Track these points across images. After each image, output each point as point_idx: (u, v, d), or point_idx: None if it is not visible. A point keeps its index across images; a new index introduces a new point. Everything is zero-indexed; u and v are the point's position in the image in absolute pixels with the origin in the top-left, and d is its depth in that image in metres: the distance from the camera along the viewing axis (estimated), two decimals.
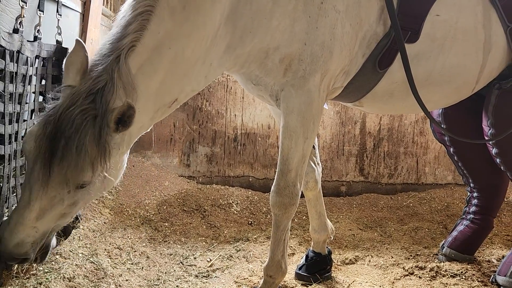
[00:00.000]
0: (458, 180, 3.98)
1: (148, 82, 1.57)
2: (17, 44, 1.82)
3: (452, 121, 2.58)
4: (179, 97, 1.72)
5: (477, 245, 2.72)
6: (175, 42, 1.58)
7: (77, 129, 1.41)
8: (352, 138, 3.92)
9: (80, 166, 1.42)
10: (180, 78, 1.65)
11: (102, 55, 1.52)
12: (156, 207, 3.32)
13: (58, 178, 1.44)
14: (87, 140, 1.42)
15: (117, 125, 1.47)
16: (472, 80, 2.17)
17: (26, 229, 1.47)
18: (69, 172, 1.42)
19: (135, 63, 1.52)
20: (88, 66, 1.53)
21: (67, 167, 1.41)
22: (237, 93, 3.82)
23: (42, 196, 1.46)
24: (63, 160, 1.41)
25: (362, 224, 3.38)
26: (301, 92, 1.80)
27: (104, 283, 2.25)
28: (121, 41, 1.50)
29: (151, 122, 1.71)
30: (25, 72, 1.94)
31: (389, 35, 1.88)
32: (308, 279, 2.40)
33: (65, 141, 1.40)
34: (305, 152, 1.87)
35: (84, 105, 1.43)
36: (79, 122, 1.42)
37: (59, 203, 1.49)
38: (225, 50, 1.72)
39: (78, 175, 1.44)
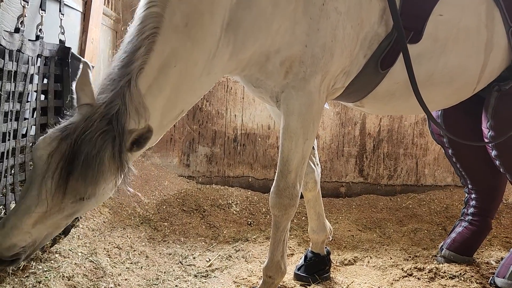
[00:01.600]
0: (457, 181, 3.98)
1: (156, 100, 1.61)
2: (17, 43, 1.82)
3: (452, 122, 2.58)
4: (185, 107, 1.76)
5: (475, 246, 2.72)
6: (179, 59, 1.62)
7: (99, 149, 1.47)
8: (352, 139, 3.93)
9: (98, 182, 1.48)
10: (186, 92, 1.69)
11: (113, 80, 1.56)
12: (155, 206, 3.32)
13: (71, 192, 1.48)
14: (107, 159, 1.48)
15: (132, 145, 1.53)
16: (473, 80, 2.17)
17: (20, 234, 1.48)
18: (85, 187, 1.47)
19: (144, 85, 1.56)
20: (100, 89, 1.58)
21: (86, 183, 1.46)
22: (237, 93, 3.82)
23: (43, 205, 1.47)
24: (81, 177, 1.46)
25: (361, 225, 3.38)
26: (301, 94, 1.80)
27: (103, 282, 2.25)
28: (130, 66, 1.54)
29: (158, 137, 1.74)
30: (26, 71, 1.94)
31: (391, 35, 1.88)
32: (307, 280, 2.40)
33: (85, 160, 1.45)
34: (305, 153, 1.87)
35: (103, 127, 1.49)
36: (101, 143, 1.47)
37: (59, 212, 1.51)
38: (228, 58, 1.74)
39: (95, 188, 1.49)
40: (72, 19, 2.63)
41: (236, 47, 1.72)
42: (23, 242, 1.50)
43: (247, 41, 1.72)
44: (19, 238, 1.49)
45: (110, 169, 1.50)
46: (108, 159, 1.48)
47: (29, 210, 1.47)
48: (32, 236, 1.52)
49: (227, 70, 1.82)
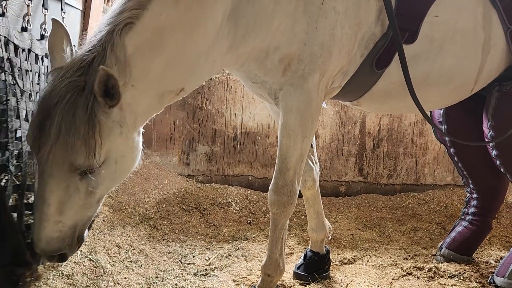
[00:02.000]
0: (457, 181, 3.98)
1: (148, 64, 1.53)
2: (27, 42, 1.82)
3: (453, 122, 2.58)
4: (185, 87, 1.70)
5: (475, 246, 2.72)
6: (177, 30, 1.56)
7: (65, 103, 1.34)
8: (352, 138, 3.93)
9: (71, 145, 1.35)
10: (185, 70, 1.64)
11: (98, 31, 1.48)
12: (155, 205, 3.32)
13: (59, 164, 1.39)
14: (77, 115, 1.35)
15: (105, 98, 1.39)
16: (470, 81, 2.17)
17: (50, 225, 1.44)
18: (65, 154, 1.36)
19: (133, 42, 1.48)
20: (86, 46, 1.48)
21: (62, 148, 1.36)
22: (237, 92, 3.82)
23: (55, 188, 1.42)
24: (56, 141, 1.35)
25: (361, 224, 3.38)
26: (300, 91, 1.80)
27: (103, 281, 2.25)
28: (118, 16, 1.46)
29: (159, 105, 1.66)
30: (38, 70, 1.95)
31: (386, 35, 1.88)
32: (306, 279, 2.40)
33: (55, 119, 1.34)
34: (304, 151, 1.87)
35: (73, 77, 1.37)
36: (63, 95, 1.34)
37: (75, 192, 1.45)
38: (228, 49, 1.73)
39: (74, 155, 1.37)
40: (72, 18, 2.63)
41: (236, 40, 1.72)
42: (58, 233, 1.46)
43: (248, 36, 1.72)
44: (52, 229, 1.45)
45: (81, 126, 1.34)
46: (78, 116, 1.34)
47: (45, 200, 1.43)
48: (65, 224, 1.47)
49: (226, 63, 1.81)
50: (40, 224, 1.44)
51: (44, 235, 1.45)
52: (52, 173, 1.41)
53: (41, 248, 1.48)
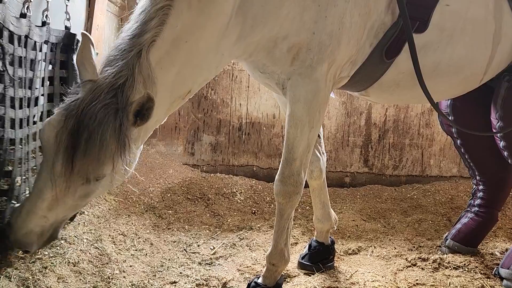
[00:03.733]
0: (463, 172, 3.96)
1: (166, 75, 1.58)
2: (25, 29, 1.81)
3: (460, 113, 2.56)
4: (192, 88, 1.74)
5: (480, 238, 2.71)
6: (191, 35, 1.60)
7: (100, 123, 1.43)
8: (357, 129, 3.91)
9: (101, 160, 1.45)
10: (194, 69, 1.67)
11: (122, 50, 1.53)
12: (160, 194, 3.33)
13: (78, 171, 1.46)
14: (109, 134, 1.43)
15: (136, 118, 1.49)
16: (480, 71, 2.14)
17: (36, 219, 1.48)
18: (90, 166, 1.45)
19: (154, 57, 1.54)
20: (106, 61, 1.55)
21: (89, 161, 1.43)
22: (242, 82, 3.80)
23: (57, 187, 1.46)
24: (85, 154, 1.43)
25: (366, 215, 3.38)
26: (308, 81, 1.78)
27: (108, 269, 2.27)
28: (142, 36, 1.52)
29: (165, 116, 1.73)
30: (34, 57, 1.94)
31: (397, 24, 1.86)
32: (311, 268, 2.41)
33: (88, 135, 1.42)
34: (310, 141, 1.86)
35: (106, 99, 1.45)
36: (101, 116, 1.43)
37: (72, 194, 1.50)
38: (236, 40, 1.72)
39: (99, 168, 1.46)
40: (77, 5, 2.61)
41: (245, 30, 1.71)
42: (40, 227, 1.51)
43: (256, 26, 1.71)
44: (35, 223, 1.49)
45: (113, 145, 1.45)
46: (110, 134, 1.43)
47: (42, 194, 1.47)
48: (48, 221, 1.52)
49: (234, 54, 1.80)
50: (27, 216, 1.48)
51: (26, 227, 1.49)
52: (62, 173, 1.45)
53: (18, 238, 1.50)
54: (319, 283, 2.26)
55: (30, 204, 1.49)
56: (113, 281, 2.18)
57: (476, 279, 2.35)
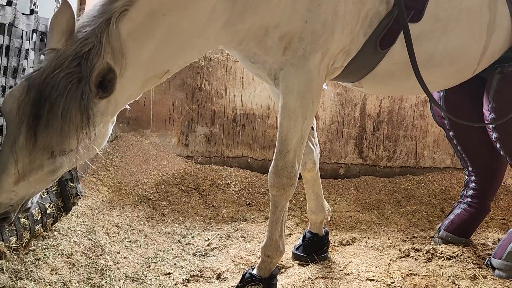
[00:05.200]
0: (456, 164, 3.97)
1: (140, 49, 1.51)
2: (9, 17, 1.78)
3: (453, 104, 2.56)
4: (171, 68, 1.68)
5: (473, 228, 2.73)
6: (170, 11, 1.53)
7: (62, 93, 1.36)
8: (352, 120, 3.90)
9: (65, 133, 1.38)
10: (175, 50, 1.61)
11: (92, 17, 1.46)
12: (154, 186, 3.32)
13: (42, 145, 1.40)
14: (72, 105, 1.37)
15: (98, 89, 1.42)
16: (473, 62, 2.14)
17: (4, 193, 1.44)
18: (54, 139, 1.38)
19: (126, 28, 1.47)
20: (75, 28, 1.47)
21: (52, 134, 1.37)
22: (236, 73, 3.78)
23: (21, 161, 1.41)
24: (48, 126, 1.37)
25: (360, 206, 3.39)
26: (301, 72, 1.76)
27: (102, 260, 2.27)
28: (113, 3, 1.44)
29: (140, 91, 1.66)
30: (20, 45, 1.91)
31: (391, 14, 1.83)
32: (305, 259, 2.42)
33: (50, 106, 1.36)
34: (304, 132, 1.85)
35: (69, 68, 1.38)
36: (63, 86, 1.36)
37: (39, 168, 1.46)
38: (223, 26, 1.68)
39: (63, 142, 1.40)
40: None
41: (233, 16, 1.67)
42: (9, 200, 1.47)
43: (246, 12, 1.67)
44: (4, 197, 1.45)
45: (76, 116, 1.38)
46: (72, 105, 1.37)
47: (6, 169, 1.42)
48: (18, 194, 1.47)
49: (221, 40, 1.76)
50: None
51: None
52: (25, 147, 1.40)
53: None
54: (313, 273, 2.27)
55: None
56: (107, 272, 2.18)
57: (468, 269, 2.37)
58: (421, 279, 2.26)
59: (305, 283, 2.18)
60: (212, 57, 3.72)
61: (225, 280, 2.29)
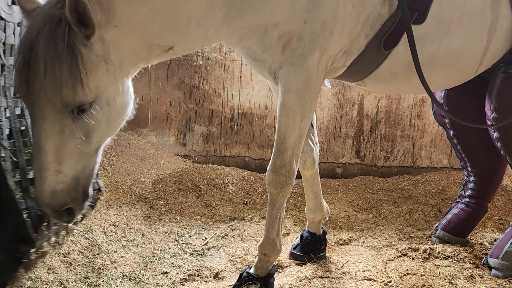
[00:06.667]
0: (453, 164, 3.99)
1: (133, 9, 1.48)
2: (17, 16, 1.77)
3: (455, 104, 2.56)
4: (175, 46, 1.65)
5: (470, 228, 2.74)
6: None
7: (46, 36, 1.30)
8: (350, 120, 3.91)
9: (59, 79, 1.32)
10: (172, 25, 1.59)
11: None
12: (151, 185, 3.32)
13: (51, 101, 1.35)
14: (58, 45, 1.31)
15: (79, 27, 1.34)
16: (475, 62, 2.15)
17: (50, 175, 1.39)
18: (54, 88, 1.33)
19: None
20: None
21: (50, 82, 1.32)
22: (234, 72, 3.77)
23: (49, 132, 1.37)
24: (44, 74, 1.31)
25: (357, 206, 3.39)
26: (299, 70, 1.77)
27: (99, 259, 2.26)
28: None
29: (148, 56, 1.61)
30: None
31: (395, 15, 1.85)
32: (303, 259, 2.42)
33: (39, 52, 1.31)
34: (302, 131, 1.85)
35: (50, 10, 1.33)
36: (42, 27, 1.31)
37: (71, 137, 1.41)
38: (222, 20, 1.68)
39: (63, 90, 1.33)
40: None
41: (232, 11, 1.67)
42: (61, 184, 1.42)
43: (244, 9, 1.67)
44: (54, 180, 1.40)
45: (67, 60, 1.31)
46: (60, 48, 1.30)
47: (41, 147, 1.37)
48: (66, 175, 1.43)
49: (221, 35, 1.76)
50: (41, 176, 1.39)
51: (47, 187, 1.40)
52: (44, 114, 1.37)
53: (47, 203, 1.43)
54: (311, 273, 2.27)
55: (37, 163, 1.39)
56: (104, 271, 2.17)
57: (465, 269, 2.38)
58: (418, 278, 2.27)
59: (303, 282, 2.18)
60: (210, 56, 3.72)
61: (222, 279, 2.28)
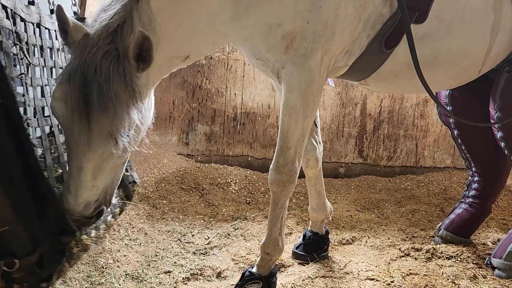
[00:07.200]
0: (456, 164, 3.97)
1: (166, 27, 1.54)
2: (35, 16, 1.78)
3: (459, 103, 2.56)
4: (190, 54, 1.72)
5: (473, 228, 2.73)
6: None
7: (106, 73, 1.36)
8: (352, 119, 3.90)
9: (118, 113, 1.38)
10: (190, 33, 1.64)
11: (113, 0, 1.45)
12: (154, 184, 3.32)
13: (102, 132, 1.40)
14: (118, 84, 1.37)
15: (138, 62, 1.42)
16: (478, 62, 2.15)
17: (87, 191, 1.47)
18: (108, 122, 1.38)
19: (155, 6, 1.49)
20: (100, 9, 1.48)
21: (105, 117, 1.37)
22: (237, 71, 3.77)
23: (92, 156, 1.43)
24: (101, 109, 1.36)
25: (360, 206, 3.39)
26: (302, 70, 1.78)
27: (102, 258, 2.26)
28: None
29: (167, 70, 1.68)
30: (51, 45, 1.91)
31: (396, 15, 1.85)
32: (305, 258, 2.41)
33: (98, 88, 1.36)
34: (305, 130, 1.86)
35: (105, 46, 1.38)
36: (105, 66, 1.36)
37: (109, 157, 1.47)
38: (230, 19, 1.71)
39: (118, 123, 1.40)
40: None
41: (239, 10, 1.69)
42: (95, 196, 1.51)
43: (251, 8, 1.70)
44: (89, 194, 1.48)
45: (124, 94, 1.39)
46: (118, 83, 1.37)
47: (81, 167, 1.43)
48: (99, 188, 1.51)
49: (229, 36, 1.79)
50: (77, 191, 1.46)
51: (81, 201, 1.48)
52: (88, 142, 1.41)
53: (78, 212, 1.50)
54: (313, 272, 2.27)
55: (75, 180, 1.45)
56: (107, 270, 2.18)
57: (468, 269, 2.37)
58: (421, 278, 2.26)
59: (305, 282, 2.17)
60: (212, 55, 3.72)
61: (225, 278, 2.28)
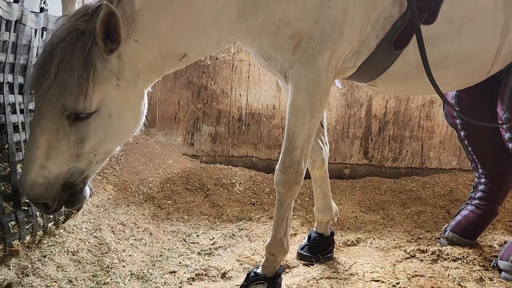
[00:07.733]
0: (462, 165, 3.95)
1: (156, 21, 1.52)
2: (16, 14, 1.79)
3: (466, 104, 2.54)
4: (189, 52, 1.68)
5: (480, 230, 2.71)
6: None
7: (65, 44, 1.36)
8: (358, 120, 3.89)
9: (65, 85, 1.37)
10: (190, 31, 1.62)
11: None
12: (159, 184, 3.33)
13: (53, 103, 1.40)
14: (74, 55, 1.36)
15: (105, 41, 1.40)
16: (487, 63, 2.13)
17: (35, 167, 1.44)
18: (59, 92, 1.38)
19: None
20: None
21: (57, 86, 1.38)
22: (242, 72, 3.78)
23: (45, 129, 1.42)
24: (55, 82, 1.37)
25: (365, 207, 3.38)
26: (309, 70, 1.77)
27: (108, 258, 2.27)
28: None
29: (161, 69, 1.64)
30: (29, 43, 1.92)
31: (405, 15, 1.84)
32: (310, 259, 2.41)
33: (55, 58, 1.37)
34: (311, 131, 1.85)
35: (76, 22, 1.39)
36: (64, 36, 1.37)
37: (64, 138, 1.45)
38: (236, 18, 1.69)
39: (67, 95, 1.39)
40: None
41: (246, 9, 1.68)
42: (43, 179, 1.46)
43: (258, 6, 1.69)
44: (36, 173, 1.45)
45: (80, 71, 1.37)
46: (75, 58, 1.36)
47: (35, 140, 1.43)
48: (51, 172, 1.47)
49: (236, 34, 1.77)
50: (27, 166, 1.46)
51: (29, 178, 1.46)
52: (45, 112, 1.42)
53: (25, 191, 1.49)
54: (318, 273, 2.27)
55: (28, 153, 1.45)
56: (112, 270, 2.19)
57: (474, 271, 2.36)
58: (426, 280, 2.25)
59: (310, 283, 2.17)
60: (218, 56, 3.73)
61: (229, 279, 2.28)
